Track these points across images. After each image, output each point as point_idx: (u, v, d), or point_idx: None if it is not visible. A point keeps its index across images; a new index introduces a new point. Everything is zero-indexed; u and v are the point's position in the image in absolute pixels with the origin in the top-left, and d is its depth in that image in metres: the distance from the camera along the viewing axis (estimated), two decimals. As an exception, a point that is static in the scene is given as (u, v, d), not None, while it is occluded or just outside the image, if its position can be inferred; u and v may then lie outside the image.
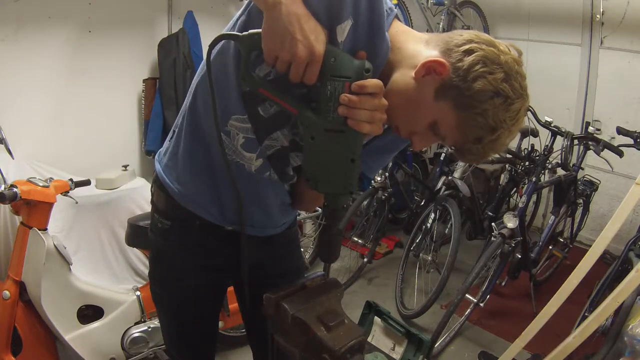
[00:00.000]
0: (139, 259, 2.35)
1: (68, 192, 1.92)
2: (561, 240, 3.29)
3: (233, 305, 2.04)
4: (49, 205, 1.78)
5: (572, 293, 1.94)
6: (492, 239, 2.56)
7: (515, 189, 3.45)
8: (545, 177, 2.98)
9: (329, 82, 0.81)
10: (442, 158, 3.45)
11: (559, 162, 2.80)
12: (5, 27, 2.26)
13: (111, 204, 2.30)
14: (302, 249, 2.70)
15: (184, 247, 1.14)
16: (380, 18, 0.85)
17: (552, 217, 3.00)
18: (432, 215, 2.91)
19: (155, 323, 2.04)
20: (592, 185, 3.28)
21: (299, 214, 2.62)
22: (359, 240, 3.22)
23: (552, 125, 2.83)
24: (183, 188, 1.08)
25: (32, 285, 1.76)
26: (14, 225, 2.01)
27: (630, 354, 1.75)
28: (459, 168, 3.00)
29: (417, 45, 0.89)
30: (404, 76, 0.87)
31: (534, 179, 2.71)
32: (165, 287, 1.21)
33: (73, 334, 1.85)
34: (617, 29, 3.48)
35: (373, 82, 0.80)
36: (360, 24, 0.83)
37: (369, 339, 1.39)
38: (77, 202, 2.01)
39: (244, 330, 1.96)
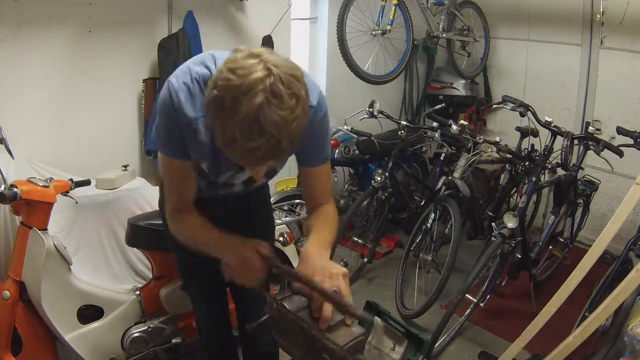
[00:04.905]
0: (139, 259, 2.35)
1: (68, 192, 1.92)
2: (561, 240, 3.28)
3: (231, 307, 2.04)
4: (49, 205, 1.78)
5: (572, 293, 1.94)
6: (492, 239, 2.56)
7: (515, 189, 3.44)
8: (545, 177, 2.98)
9: None
10: (442, 158, 3.45)
11: (559, 162, 2.79)
12: (5, 27, 2.26)
13: (111, 204, 2.30)
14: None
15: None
16: None
17: (552, 217, 2.99)
18: (432, 215, 2.90)
19: (155, 323, 2.04)
20: (592, 185, 3.27)
21: (299, 214, 2.62)
22: (359, 240, 3.22)
23: (552, 125, 2.83)
24: None
25: (32, 285, 1.76)
26: (14, 225, 2.01)
27: (630, 354, 1.75)
28: (459, 168, 3.00)
29: None
30: None
31: (534, 179, 2.71)
32: None
33: (73, 334, 1.85)
34: (617, 29, 3.48)
35: None
36: None
37: (369, 339, 1.39)
38: (77, 202, 2.01)
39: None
